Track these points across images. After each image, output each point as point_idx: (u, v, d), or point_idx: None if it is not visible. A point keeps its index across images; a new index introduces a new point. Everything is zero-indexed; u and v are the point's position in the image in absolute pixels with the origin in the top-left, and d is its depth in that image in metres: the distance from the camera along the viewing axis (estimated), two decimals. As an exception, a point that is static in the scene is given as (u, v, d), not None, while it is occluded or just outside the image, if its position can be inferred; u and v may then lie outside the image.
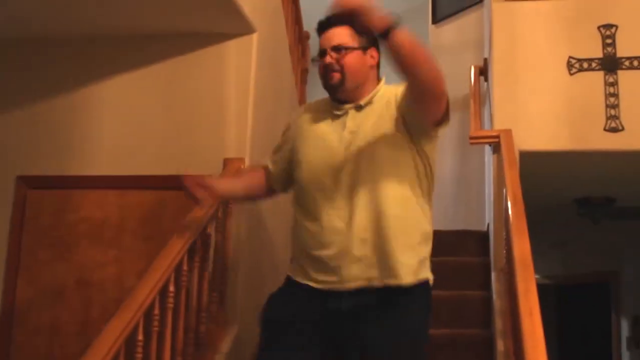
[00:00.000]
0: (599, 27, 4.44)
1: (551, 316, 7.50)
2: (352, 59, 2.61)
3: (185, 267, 3.22)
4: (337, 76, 2.59)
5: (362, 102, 2.61)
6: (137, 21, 3.97)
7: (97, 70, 4.16)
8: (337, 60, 2.59)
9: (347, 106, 2.61)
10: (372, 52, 2.67)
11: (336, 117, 2.63)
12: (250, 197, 3.15)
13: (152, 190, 3.94)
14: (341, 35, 2.62)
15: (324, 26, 2.68)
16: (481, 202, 5.52)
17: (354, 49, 2.61)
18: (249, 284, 4.00)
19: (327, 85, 2.63)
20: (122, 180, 3.99)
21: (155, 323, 2.96)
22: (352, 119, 2.61)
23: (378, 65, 2.71)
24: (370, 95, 2.64)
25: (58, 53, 4.23)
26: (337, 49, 2.61)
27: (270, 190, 2.90)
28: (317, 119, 2.69)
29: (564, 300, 7.81)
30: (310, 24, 5.83)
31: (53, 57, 4.23)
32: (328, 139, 2.61)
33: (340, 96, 2.63)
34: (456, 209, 6.16)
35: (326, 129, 2.64)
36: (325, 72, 2.61)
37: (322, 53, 2.63)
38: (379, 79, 2.71)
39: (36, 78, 4.23)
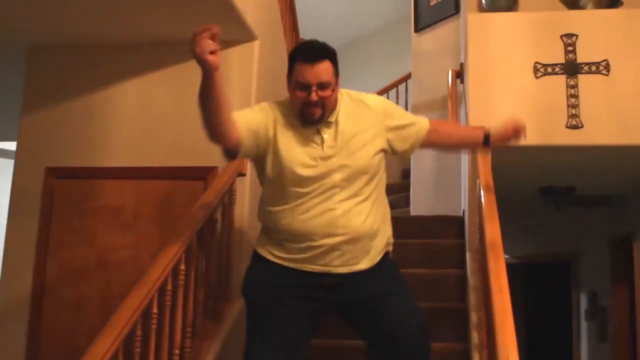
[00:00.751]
0: (561, 36, 4.43)
1: (519, 292, 7.53)
2: (332, 94, 2.49)
3: (194, 248, 3.22)
4: (318, 112, 2.47)
5: (331, 120, 2.53)
6: (152, 30, 3.96)
7: (117, 74, 4.16)
8: (321, 98, 2.45)
9: (315, 127, 2.52)
10: (338, 79, 2.53)
11: (305, 133, 2.53)
12: (218, 118, 2.44)
13: (164, 180, 3.95)
14: (327, 72, 2.45)
15: (311, 58, 2.45)
16: (458, 191, 5.52)
17: (331, 86, 2.47)
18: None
19: (307, 118, 2.49)
20: (138, 171, 3.99)
21: (168, 298, 2.98)
22: (326, 133, 2.52)
23: None
24: (336, 111, 2.54)
25: (82, 59, 4.23)
26: (323, 86, 2.45)
27: (232, 143, 2.50)
28: (288, 132, 2.54)
29: (530, 277, 7.83)
30: (305, 31, 5.86)
31: (78, 62, 4.23)
32: (307, 155, 2.50)
33: (314, 125, 2.51)
34: (436, 197, 6.15)
35: (301, 144, 2.52)
36: (307, 106, 2.46)
37: (306, 87, 2.45)
38: None
39: (62, 81, 4.24)
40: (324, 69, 2.45)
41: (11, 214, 4.16)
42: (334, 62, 2.50)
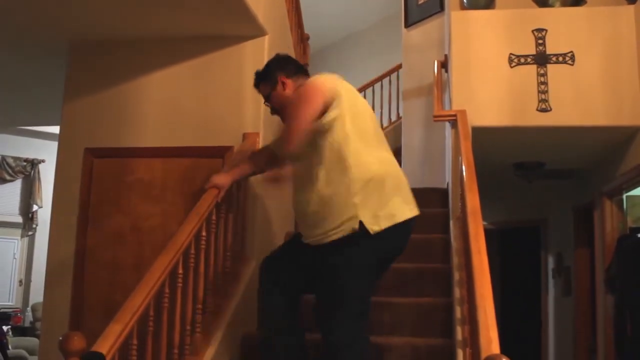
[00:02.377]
0: (532, 31, 4.41)
1: (495, 253, 7.55)
2: (275, 100, 2.81)
3: (214, 217, 3.22)
4: (277, 115, 2.87)
5: None
6: (176, 27, 3.93)
7: (146, 66, 4.13)
8: (273, 106, 2.85)
9: None
10: (281, 79, 2.79)
11: None
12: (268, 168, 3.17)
13: (188, 158, 3.92)
14: (264, 90, 2.87)
15: (255, 86, 2.93)
16: (442, 166, 5.51)
17: (270, 94, 2.82)
18: (263, 229, 4.00)
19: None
20: (165, 150, 3.97)
21: (192, 260, 2.98)
22: None
23: (295, 74, 2.82)
24: None
25: (117, 52, 4.19)
26: (267, 99, 2.86)
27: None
28: None
29: (505, 241, 7.85)
30: (309, 28, 5.81)
31: (113, 55, 4.20)
32: None
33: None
34: (423, 171, 6.14)
35: None
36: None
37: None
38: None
39: (99, 72, 4.21)
40: (261, 90, 2.90)
41: (56, 189, 4.16)
42: (266, 80, 2.85)
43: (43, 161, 9.95)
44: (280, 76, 2.78)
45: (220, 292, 3.32)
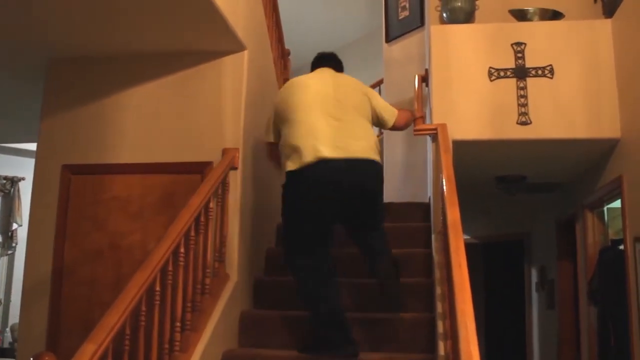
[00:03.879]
0: (512, 44, 4.42)
1: (479, 267, 7.54)
2: None
3: (192, 234, 3.18)
4: None
5: None
6: (155, 43, 3.91)
7: (124, 82, 4.11)
8: None
9: None
10: None
11: None
12: None
13: (167, 174, 3.90)
14: None
15: None
16: (424, 180, 5.50)
17: None
18: (243, 245, 3.96)
19: None
20: (144, 166, 3.94)
21: (170, 277, 2.93)
22: None
23: None
24: None
25: (94, 69, 4.17)
26: None
27: None
28: None
29: (488, 254, 7.84)
30: (289, 43, 5.80)
31: (90, 72, 4.18)
32: None
33: None
34: (405, 185, 6.14)
35: None
36: None
37: None
38: None
39: (77, 88, 4.18)
40: None
41: (33, 206, 4.11)
42: None
43: (23, 179, 9.83)
44: None
45: (199, 309, 3.27)
